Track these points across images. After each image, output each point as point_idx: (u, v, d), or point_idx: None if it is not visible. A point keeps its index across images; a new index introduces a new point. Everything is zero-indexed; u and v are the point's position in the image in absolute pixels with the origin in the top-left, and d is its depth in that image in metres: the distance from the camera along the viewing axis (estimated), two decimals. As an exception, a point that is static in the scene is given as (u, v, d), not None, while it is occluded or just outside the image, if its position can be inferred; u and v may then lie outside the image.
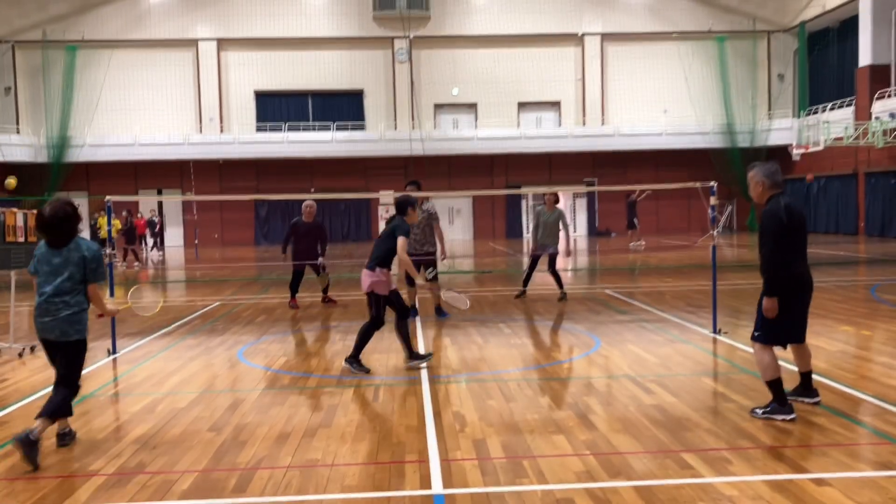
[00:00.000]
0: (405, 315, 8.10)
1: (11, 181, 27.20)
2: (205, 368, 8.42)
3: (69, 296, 5.47)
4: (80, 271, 5.50)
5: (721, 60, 37.26)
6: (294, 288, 13.14)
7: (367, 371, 7.80)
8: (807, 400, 6.13)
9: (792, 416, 5.76)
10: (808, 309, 5.97)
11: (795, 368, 6.28)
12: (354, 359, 7.89)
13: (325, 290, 13.36)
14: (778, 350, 5.98)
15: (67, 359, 5.53)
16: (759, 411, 5.91)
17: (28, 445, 5.03)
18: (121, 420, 6.35)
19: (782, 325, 5.82)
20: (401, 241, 7.77)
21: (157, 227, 33.03)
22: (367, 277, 7.84)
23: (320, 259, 13.13)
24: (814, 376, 6.27)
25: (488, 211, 38.13)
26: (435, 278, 11.25)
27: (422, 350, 8.66)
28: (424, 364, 7.99)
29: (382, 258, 7.85)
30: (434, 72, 37.70)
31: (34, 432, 5.10)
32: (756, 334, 5.94)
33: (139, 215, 29.35)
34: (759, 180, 5.95)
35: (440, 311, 11.39)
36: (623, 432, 5.63)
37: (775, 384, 5.83)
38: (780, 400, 5.82)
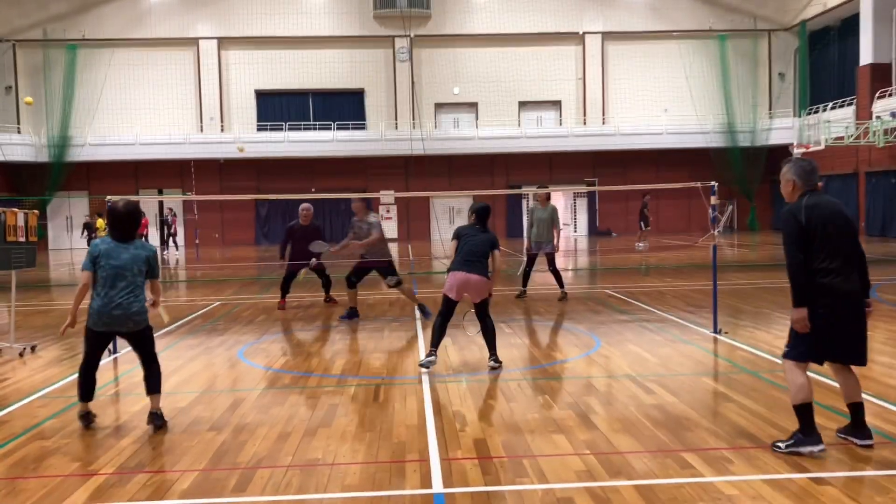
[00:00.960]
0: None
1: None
2: (205, 368, 8.43)
3: (139, 290, 6.00)
4: (145, 268, 6.04)
5: (722, 59, 37.25)
6: (285, 289, 13.09)
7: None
8: (857, 441, 5.21)
9: (820, 447, 5.02)
10: (852, 324, 5.15)
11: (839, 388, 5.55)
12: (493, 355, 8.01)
13: (327, 290, 13.34)
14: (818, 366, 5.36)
15: (145, 343, 6.18)
16: (783, 445, 5.13)
17: (161, 419, 5.99)
18: (121, 419, 6.36)
19: (808, 338, 5.05)
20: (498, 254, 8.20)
21: (172, 226, 32.91)
22: (485, 284, 8.06)
23: (313, 260, 13.09)
24: (818, 377, 6.18)
25: (489, 210, 38.08)
26: (398, 283, 11.32)
27: (421, 354, 8.65)
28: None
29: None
30: (435, 71, 37.69)
31: (157, 409, 6.03)
32: (785, 349, 5.25)
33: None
34: (790, 178, 5.25)
35: (424, 311, 11.35)
36: (623, 432, 5.63)
37: (803, 409, 5.05)
38: (806, 429, 5.05)
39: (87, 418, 6.05)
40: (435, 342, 7.91)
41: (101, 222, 28.62)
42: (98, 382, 6.15)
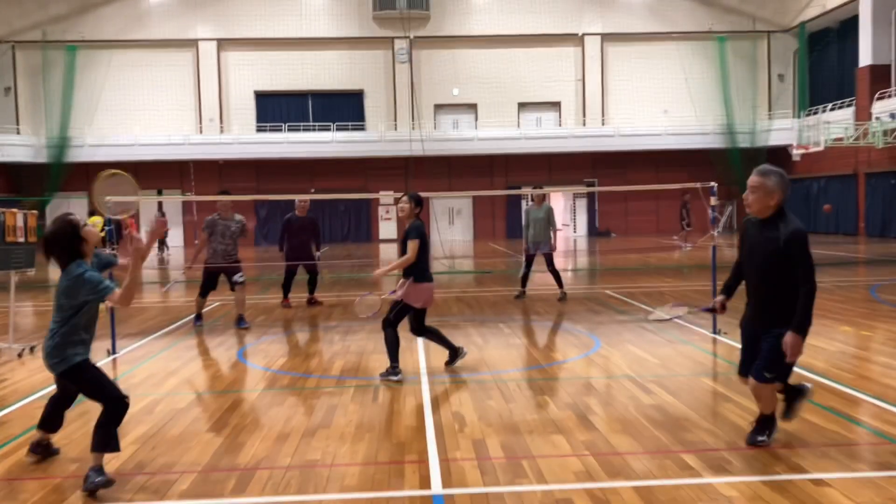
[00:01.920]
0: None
1: None
2: (204, 369, 8.43)
3: (55, 326, 4.95)
4: (70, 297, 4.93)
5: (721, 61, 37.26)
6: (287, 287, 13.16)
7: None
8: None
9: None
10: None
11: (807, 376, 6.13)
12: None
13: (311, 291, 13.35)
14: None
15: (82, 387, 5.05)
16: (769, 439, 5.25)
17: (93, 480, 4.72)
18: (120, 420, 6.35)
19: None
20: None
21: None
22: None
23: (318, 254, 13.14)
24: (813, 376, 6.23)
25: (489, 211, 38.11)
26: (242, 283, 11.18)
27: (421, 355, 8.64)
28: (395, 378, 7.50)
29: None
30: (434, 72, 37.69)
31: (94, 465, 4.78)
32: (768, 376, 5.08)
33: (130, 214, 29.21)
34: (778, 189, 4.97)
35: (241, 320, 11.15)
36: (622, 433, 5.63)
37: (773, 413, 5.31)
38: (772, 425, 5.29)
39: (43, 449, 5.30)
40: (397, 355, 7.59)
41: (94, 219, 28.07)
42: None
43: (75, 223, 4.90)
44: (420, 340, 9.60)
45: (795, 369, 6.82)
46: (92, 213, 29.79)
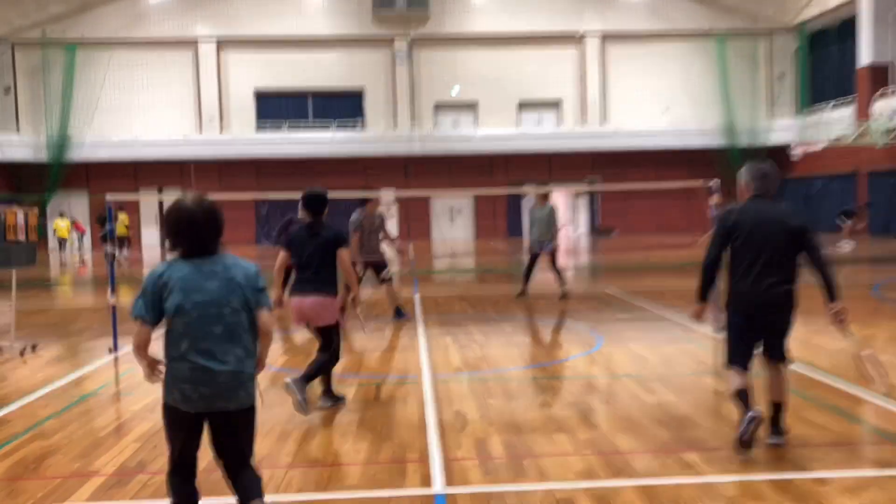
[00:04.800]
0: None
1: None
2: (205, 368, 8.40)
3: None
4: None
5: (721, 60, 37.24)
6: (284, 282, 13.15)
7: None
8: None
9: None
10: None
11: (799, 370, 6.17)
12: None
13: None
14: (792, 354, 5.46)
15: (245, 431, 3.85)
16: (783, 441, 5.19)
17: None
18: (122, 419, 6.35)
19: (730, 339, 5.24)
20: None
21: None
22: (326, 305, 6.55)
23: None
24: (814, 376, 6.22)
25: (489, 210, 38.08)
26: (389, 280, 11.21)
27: (423, 353, 8.63)
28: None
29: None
30: (434, 71, 37.66)
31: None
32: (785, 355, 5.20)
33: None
34: (741, 179, 5.32)
35: (399, 312, 11.18)
36: (624, 431, 5.62)
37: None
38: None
39: None
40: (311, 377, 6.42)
41: (123, 217, 26.16)
42: (98, 382, 6.09)
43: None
44: (422, 338, 9.61)
45: (797, 369, 6.84)
46: (119, 208, 29.87)
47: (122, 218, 25.62)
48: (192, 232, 3.65)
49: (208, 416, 3.72)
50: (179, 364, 3.69)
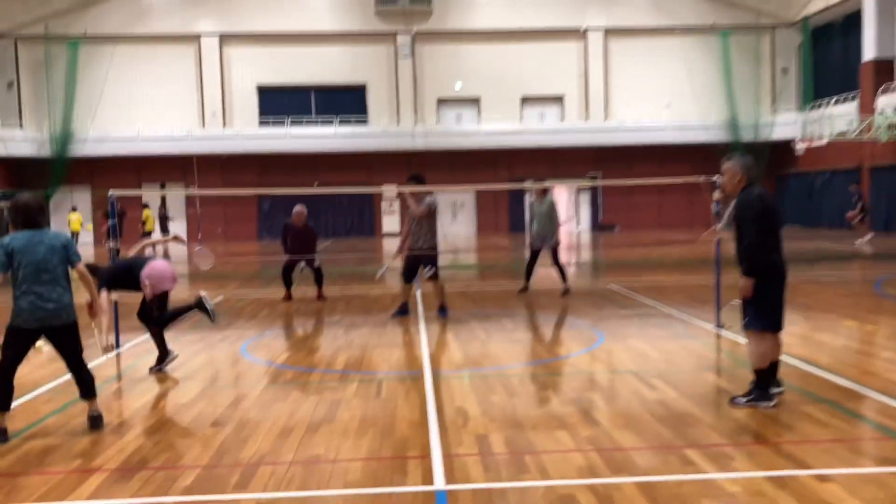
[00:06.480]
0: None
1: None
2: (207, 364, 8.44)
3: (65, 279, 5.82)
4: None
5: (725, 55, 37.15)
6: (287, 281, 13.21)
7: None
8: (775, 389, 6.13)
9: (773, 403, 5.94)
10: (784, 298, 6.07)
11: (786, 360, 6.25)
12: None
13: (319, 286, 13.37)
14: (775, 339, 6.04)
15: (73, 342, 5.88)
16: (743, 400, 6.02)
17: (100, 420, 5.96)
18: (124, 415, 6.36)
19: (773, 308, 5.94)
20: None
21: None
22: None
23: (318, 261, 13.21)
24: (816, 372, 6.25)
25: (491, 205, 38.07)
26: (435, 276, 11.03)
27: (424, 350, 8.63)
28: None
29: None
30: (437, 66, 37.62)
31: (95, 411, 5.97)
32: (748, 321, 6.01)
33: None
34: (737, 171, 6.10)
35: (442, 310, 11.23)
36: (626, 428, 5.62)
37: (769, 370, 5.99)
38: (765, 388, 5.99)
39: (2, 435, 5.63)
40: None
41: (146, 213, 29.39)
42: (99, 378, 6.14)
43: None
44: (424, 335, 9.61)
45: (800, 366, 6.86)
46: (145, 205, 30.30)
47: (147, 213, 26.40)
48: (28, 214, 5.67)
49: (45, 331, 5.68)
50: (21, 300, 5.61)
